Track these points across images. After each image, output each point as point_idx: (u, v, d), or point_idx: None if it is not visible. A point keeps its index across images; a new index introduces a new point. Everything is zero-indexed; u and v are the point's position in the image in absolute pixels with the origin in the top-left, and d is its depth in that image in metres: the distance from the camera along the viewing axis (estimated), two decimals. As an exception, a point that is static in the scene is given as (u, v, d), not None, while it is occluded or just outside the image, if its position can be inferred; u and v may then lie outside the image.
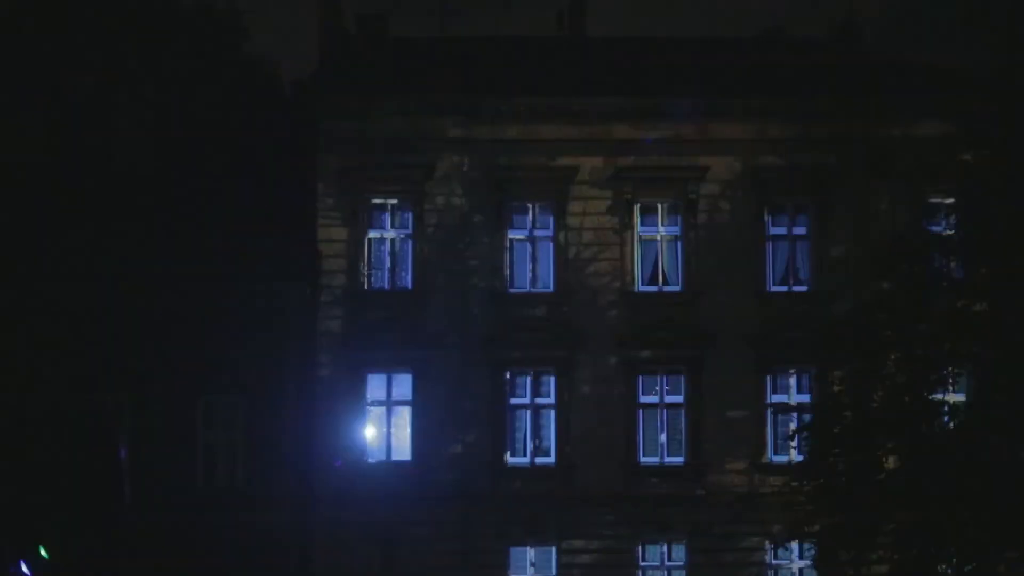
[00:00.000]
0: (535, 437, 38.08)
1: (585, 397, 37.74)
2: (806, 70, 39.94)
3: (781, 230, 38.61)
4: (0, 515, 18.97)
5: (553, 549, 37.57)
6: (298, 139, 38.51)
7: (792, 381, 38.16)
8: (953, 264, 31.08)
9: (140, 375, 36.76)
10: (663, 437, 38.02)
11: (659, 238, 38.54)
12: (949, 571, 29.55)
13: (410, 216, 38.19)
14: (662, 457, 38.02)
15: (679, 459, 37.91)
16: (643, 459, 37.87)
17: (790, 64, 40.25)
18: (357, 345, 37.47)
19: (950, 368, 30.21)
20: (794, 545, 35.93)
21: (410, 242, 38.20)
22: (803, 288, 38.40)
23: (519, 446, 38.08)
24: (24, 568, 19.31)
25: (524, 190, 38.44)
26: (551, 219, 38.36)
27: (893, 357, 29.96)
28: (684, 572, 37.68)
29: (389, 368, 37.82)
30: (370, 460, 37.58)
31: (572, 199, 38.22)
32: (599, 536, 37.28)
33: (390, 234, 38.37)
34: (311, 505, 36.97)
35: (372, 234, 38.24)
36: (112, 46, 41.66)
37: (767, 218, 38.49)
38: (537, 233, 38.47)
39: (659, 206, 38.61)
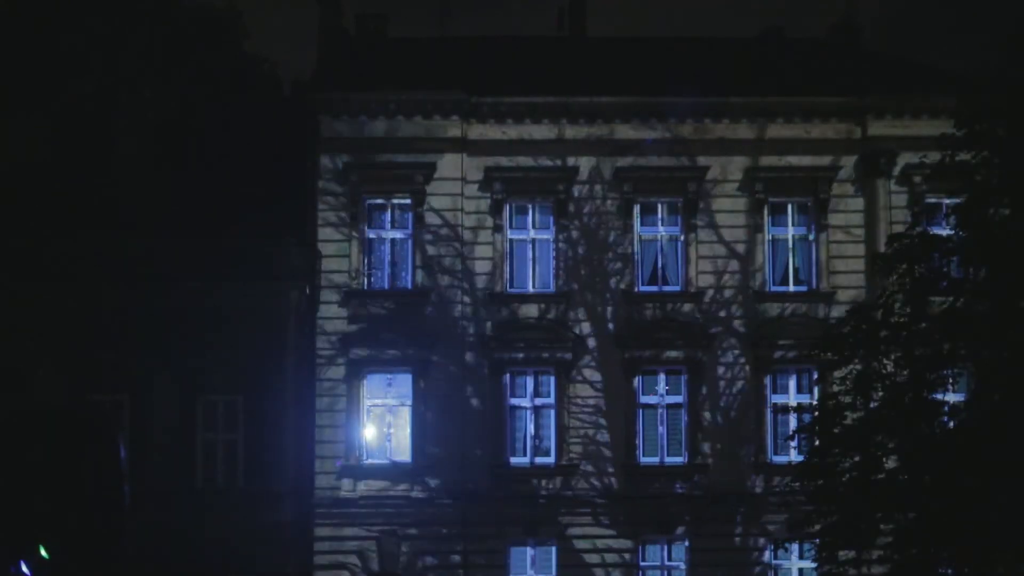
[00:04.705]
0: (535, 437, 38.08)
1: (585, 397, 37.75)
2: (806, 70, 39.96)
3: (781, 230, 38.63)
4: (0, 515, 18.93)
5: (553, 549, 37.58)
6: (298, 139, 38.50)
7: (792, 381, 38.19)
8: (953, 264, 31.08)
9: (140, 375, 36.78)
10: (663, 437, 38.02)
11: (659, 238, 38.55)
12: (949, 571, 29.53)
13: (410, 216, 38.20)
14: (662, 457, 38.02)
15: (679, 459, 37.92)
16: (643, 459, 37.88)
17: (790, 64, 40.27)
18: (357, 345, 37.48)
19: (950, 368, 30.19)
20: (794, 545, 35.90)
21: (410, 242, 38.20)
22: (803, 288, 38.42)
23: (519, 446, 38.08)
24: (24, 568, 19.24)
25: (524, 190, 38.46)
26: (551, 219, 38.37)
27: (893, 357, 29.94)
28: (684, 572, 37.69)
29: (389, 368, 37.82)
30: (369, 460, 37.58)
31: (572, 199, 38.24)
32: (599, 536, 37.29)
33: (390, 234, 38.38)
34: (311, 505, 36.98)
35: (372, 234, 38.25)
36: (112, 46, 41.64)
37: (767, 218, 38.50)
38: (537, 233, 38.48)
39: (659, 206, 38.63)
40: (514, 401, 38.06)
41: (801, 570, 37.33)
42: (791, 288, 38.47)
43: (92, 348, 36.52)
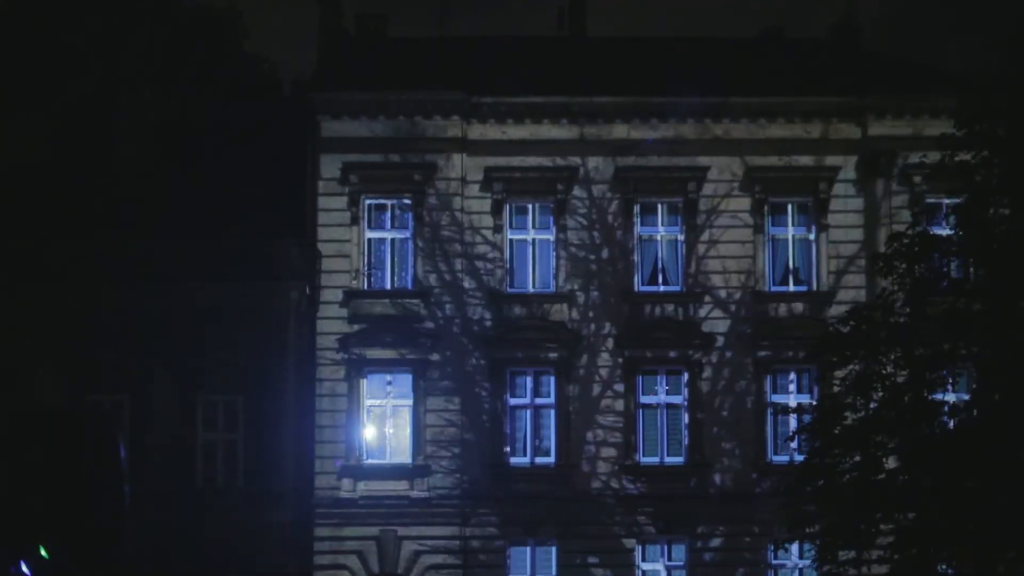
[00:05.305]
0: (535, 437, 38.08)
1: (585, 397, 37.74)
2: (806, 70, 39.96)
3: (781, 230, 38.63)
4: (0, 515, 18.94)
5: (553, 549, 37.58)
6: (298, 139, 38.50)
7: (792, 381, 38.19)
8: (953, 264, 31.08)
9: (140, 375, 36.78)
10: (663, 437, 38.01)
11: (659, 238, 38.55)
12: (949, 571, 29.53)
13: (410, 216, 38.20)
14: (662, 457, 38.02)
15: (679, 459, 37.91)
16: (643, 459, 37.87)
17: (790, 64, 40.27)
18: (357, 345, 37.48)
19: (950, 368, 30.20)
20: (794, 545, 35.88)
21: (410, 242, 38.20)
22: (803, 288, 38.42)
23: (519, 446, 38.07)
24: (24, 568, 19.27)
25: (524, 190, 38.46)
26: (551, 219, 38.38)
27: (893, 357, 29.94)
28: (684, 572, 37.69)
29: (389, 368, 37.82)
30: (369, 460, 37.59)
31: (572, 199, 38.24)
32: (599, 536, 37.27)
33: (390, 234, 38.39)
34: (311, 505, 36.99)
35: (372, 234, 38.25)
36: (112, 46, 41.65)
37: (767, 218, 38.50)
38: (537, 233, 38.48)
39: (659, 206, 38.63)
40: (514, 401, 38.06)
41: (801, 570, 37.34)
42: (791, 288, 38.47)
43: (92, 348, 36.52)
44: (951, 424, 29.59)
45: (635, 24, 78.51)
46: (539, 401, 38.12)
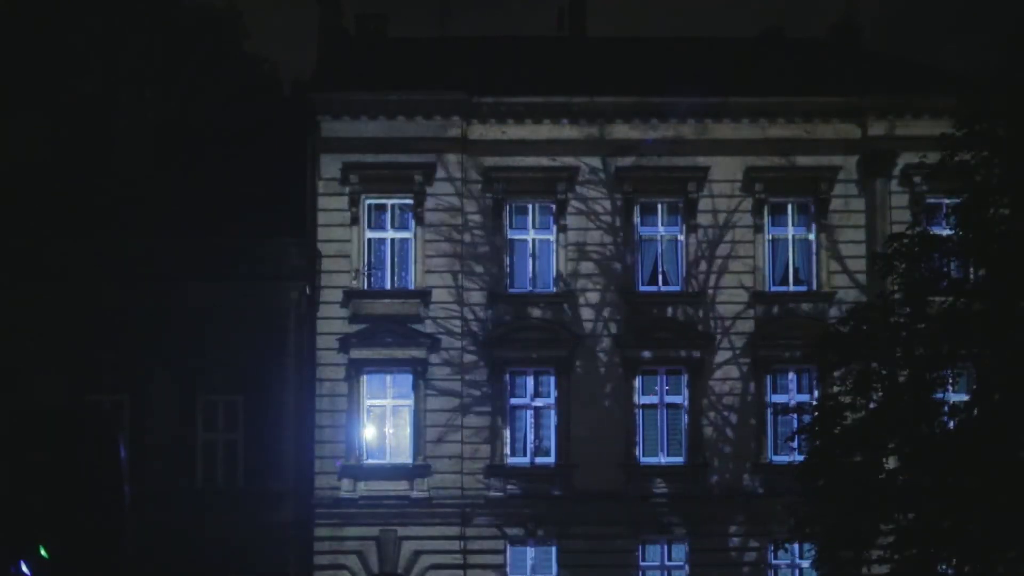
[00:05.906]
0: (535, 437, 38.09)
1: (585, 397, 37.73)
2: (806, 70, 39.97)
3: (781, 230, 38.63)
4: (0, 515, 18.94)
5: (553, 549, 37.58)
6: (298, 139, 38.51)
7: (792, 381, 38.19)
8: (953, 264, 31.09)
9: (140, 375, 36.79)
10: (663, 437, 38.02)
11: (659, 238, 38.55)
12: (949, 571, 29.53)
13: (410, 216, 38.21)
14: (662, 457, 38.02)
15: (679, 459, 37.92)
16: (643, 459, 37.88)
17: (790, 64, 40.28)
18: (357, 345, 37.48)
19: (950, 368, 30.20)
20: (794, 545, 35.88)
21: (410, 242, 38.20)
22: (803, 288, 38.42)
23: (519, 446, 38.08)
24: (24, 568, 19.26)
25: (524, 190, 38.46)
26: (551, 219, 38.38)
27: (893, 357, 29.94)
28: (684, 572, 37.69)
29: (389, 368, 37.83)
30: (369, 460, 37.59)
31: (572, 199, 38.24)
32: (599, 536, 37.24)
33: (390, 234, 38.39)
34: (311, 505, 36.99)
35: (372, 234, 38.25)
36: (112, 46, 41.66)
37: (767, 218, 38.50)
38: (537, 233, 38.48)
39: (659, 206, 38.63)
40: (514, 401, 38.06)
41: (801, 570, 37.34)
42: (791, 288, 38.47)
43: (92, 348, 36.53)
44: (951, 424, 29.59)
45: (635, 24, 78.56)
46: (539, 401, 38.12)
